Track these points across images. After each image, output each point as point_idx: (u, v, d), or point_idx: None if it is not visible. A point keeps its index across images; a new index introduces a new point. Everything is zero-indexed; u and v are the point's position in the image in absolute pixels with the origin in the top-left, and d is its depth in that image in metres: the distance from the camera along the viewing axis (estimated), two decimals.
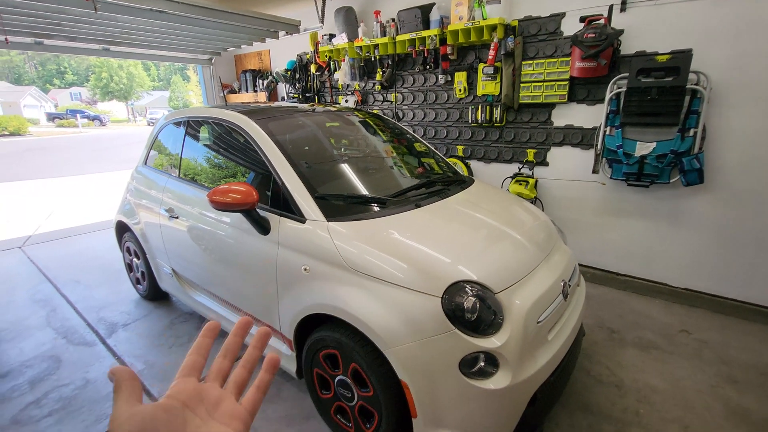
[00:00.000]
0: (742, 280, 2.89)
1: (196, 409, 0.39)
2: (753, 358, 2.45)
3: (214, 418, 0.39)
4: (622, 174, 3.04)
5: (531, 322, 1.58)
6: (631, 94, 2.84)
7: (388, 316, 1.54)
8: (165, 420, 0.36)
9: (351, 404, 1.79)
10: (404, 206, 1.98)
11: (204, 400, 0.40)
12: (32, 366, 2.50)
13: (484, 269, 1.65)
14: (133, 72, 42.11)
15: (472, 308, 1.51)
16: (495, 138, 3.83)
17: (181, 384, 0.40)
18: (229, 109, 2.48)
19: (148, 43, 5.07)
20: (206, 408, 0.39)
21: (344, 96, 5.06)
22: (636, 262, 3.30)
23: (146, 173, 3.03)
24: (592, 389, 2.20)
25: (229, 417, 0.39)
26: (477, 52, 3.75)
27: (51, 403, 2.18)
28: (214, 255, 2.35)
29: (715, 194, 2.86)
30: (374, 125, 2.90)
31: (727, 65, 2.65)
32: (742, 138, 2.70)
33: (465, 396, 1.49)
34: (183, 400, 0.39)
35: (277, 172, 1.99)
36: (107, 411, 2.10)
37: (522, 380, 1.50)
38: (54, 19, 3.62)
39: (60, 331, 2.89)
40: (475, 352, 1.48)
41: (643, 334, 2.71)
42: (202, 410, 0.39)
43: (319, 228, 1.78)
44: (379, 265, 1.62)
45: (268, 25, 4.52)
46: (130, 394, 0.37)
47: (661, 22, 2.82)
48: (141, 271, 3.22)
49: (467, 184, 2.45)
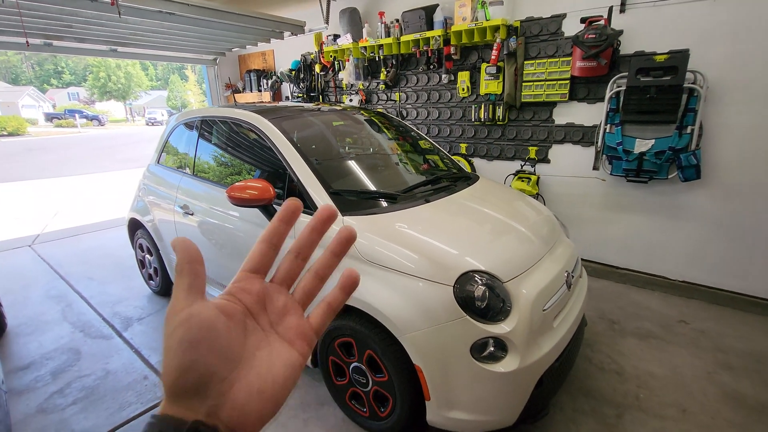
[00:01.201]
0: (738, 273, 2.99)
1: (258, 317, 0.34)
2: (748, 346, 2.55)
3: (278, 332, 0.34)
4: (622, 170, 3.14)
5: (537, 310, 1.67)
6: (630, 92, 2.94)
7: (403, 305, 1.63)
8: (225, 329, 0.31)
9: (366, 390, 1.88)
10: (414, 201, 2.07)
11: (268, 307, 0.34)
12: (53, 358, 2.59)
13: (493, 260, 1.74)
14: (131, 71, 42.07)
15: (482, 296, 1.60)
16: (497, 136, 3.92)
17: (246, 282, 0.34)
18: (240, 109, 2.56)
19: (154, 44, 5.14)
20: (270, 317, 0.34)
21: (348, 95, 5.14)
22: (635, 255, 3.40)
23: (159, 172, 3.11)
24: (594, 376, 2.30)
25: (294, 333, 0.34)
26: (480, 52, 3.84)
27: (74, 392, 2.26)
28: (228, 249, 2.43)
29: (712, 189, 2.96)
30: (380, 123, 2.98)
31: (723, 65, 2.74)
32: (737, 135, 2.80)
33: (476, 379, 1.58)
34: (246, 304, 0.33)
35: (293, 168, 2.07)
36: (130, 400, 2.19)
37: (529, 364, 1.60)
38: (66, 21, 3.69)
39: (77, 325, 2.97)
40: (485, 337, 1.57)
41: (643, 325, 2.80)
42: (264, 319, 0.34)
43: (335, 222, 1.87)
44: (394, 256, 1.71)
45: (274, 26, 4.60)
46: (193, 281, 0.31)
47: (660, 23, 2.91)
48: (154, 267, 3.30)
49: (473, 181, 2.54)
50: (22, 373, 2.45)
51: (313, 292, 0.37)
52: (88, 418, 2.07)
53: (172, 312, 0.30)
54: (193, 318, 0.29)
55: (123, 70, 40.99)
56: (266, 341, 0.33)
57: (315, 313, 0.36)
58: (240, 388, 0.30)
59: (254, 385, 0.31)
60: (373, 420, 1.90)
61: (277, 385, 0.32)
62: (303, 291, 0.37)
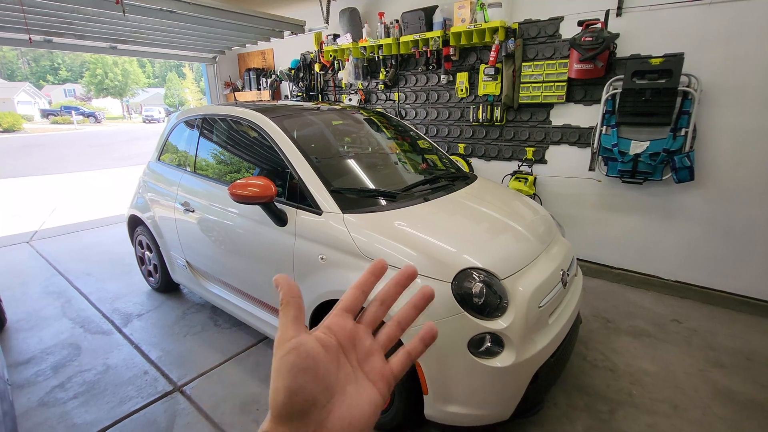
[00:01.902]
0: (730, 273, 3.04)
1: (348, 354, 0.37)
2: (739, 345, 2.60)
3: (363, 371, 0.37)
4: (617, 171, 3.19)
5: (533, 307, 1.71)
6: (626, 95, 2.99)
7: (402, 301, 1.66)
8: (324, 359, 0.34)
9: None
10: (414, 200, 2.10)
11: (357, 346, 0.37)
12: (53, 353, 2.60)
13: (490, 258, 1.78)
14: (128, 69, 41.92)
15: (480, 293, 1.64)
16: (495, 136, 3.97)
17: (340, 320, 0.38)
18: (241, 107, 2.59)
19: (154, 41, 5.14)
20: (357, 356, 0.37)
21: (347, 95, 5.17)
22: (630, 255, 3.45)
23: (160, 169, 3.13)
24: (588, 373, 2.34)
25: (377, 374, 0.37)
26: (478, 53, 3.88)
27: (75, 386, 2.28)
28: (230, 246, 2.46)
29: (705, 191, 3.01)
30: (380, 123, 3.01)
31: (717, 68, 2.79)
32: (730, 137, 2.85)
33: (473, 373, 1.62)
34: (340, 340, 0.37)
35: (294, 167, 2.10)
36: (130, 394, 2.21)
37: (525, 359, 1.64)
38: (67, 18, 3.70)
39: (76, 321, 2.99)
40: (482, 333, 1.61)
41: (636, 323, 2.85)
42: (353, 357, 0.37)
43: (336, 220, 1.90)
44: (393, 254, 1.74)
45: (274, 25, 4.62)
46: (297, 315, 0.35)
47: (655, 27, 2.96)
48: (153, 264, 3.32)
49: (471, 181, 2.58)
50: (22, 367, 2.46)
51: (394, 339, 0.40)
52: (89, 411, 2.10)
53: (282, 339, 0.34)
54: (302, 346, 0.33)
55: (120, 67, 40.83)
56: (354, 377, 0.36)
57: (396, 359, 0.39)
58: (335, 418, 0.33)
59: (346, 417, 0.33)
60: None
61: (363, 421, 0.34)
62: (386, 336, 0.39)
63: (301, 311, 0.36)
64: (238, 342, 2.70)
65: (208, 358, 2.53)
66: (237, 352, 2.59)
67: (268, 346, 2.64)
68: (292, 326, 0.34)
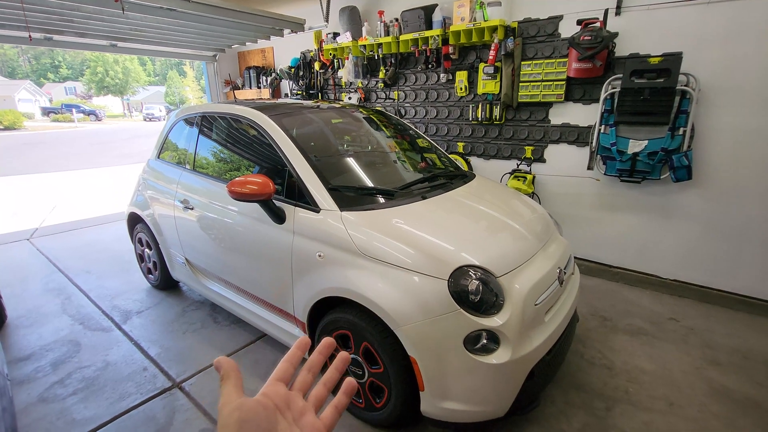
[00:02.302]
0: (727, 272, 3.05)
1: (284, 414, 0.42)
2: (736, 343, 2.61)
3: (299, 426, 0.42)
4: (616, 170, 3.19)
5: (529, 304, 1.72)
6: (624, 94, 2.99)
7: (399, 298, 1.68)
8: (264, 416, 0.40)
9: (362, 381, 1.92)
10: (412, 198, 2.11)
11: (291, 408, 0.43)
12: (53, 350, 2.62)
13: (487, 255, 1.78)
14: (128, 67, 41.91)
15: (476, 290, 1.65)
16: (494, 135, 3.97)
17: (274, 387, 0.44)
18: (240, 105, 2.60)
19: (154, 39, 5.15)
20: (293, 415, 0.43)
21: (347, 93, 5.18)
22: (628, 254, 3.46)
23: (159, 167, 3.14)
24: (585, 370, 2.35)
25: (310, 429, 0.42)
26: (478, 52, 3.88)
27: (75, 382, 2.30)
28: (229, 244, 2.47)
29: (703, 190, 3.02)
30: (379, 122, 3.02)
31: (715, 68, 2.80)
32: (728, 137, 2.85)
33: (469, 370, 1.63)
34: (276, 402, 0.42)
35: (292, 164, 2.11)
36: (130, 390, 2.23)
37: (521, 356, 1.64)
38: (67, 16, 3.71)
39: (76, 317, 3.00)
40: (479, 330, 1.62)
41: (634, 322, 2.86)
42: (289, 416, 0.43)
43: (334, 217, 1.91)
44: (390, 251, 1.75)
45: (274, 24, 4.62)
46: (236, 383, 0.43)
47: (654, 26, 2.96)
48: (153, 261, 3.33)
49: (469, 179, 2.59)
50: (22, 363, 2.48)
51: (323, 398, 0.47)
52: (89, 407, 2.11)
53: (225, 402, 0.40)
54: (244, 405, 0.40)
55: (121, 65, 40.83)
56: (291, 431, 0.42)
57: (326, 413, 0.46)
58: None
59: None
60: (368, 411, 1.95)
61: None
62: (315, 396, 0.47)
63: (240, 380, 0.43)
64: (236, 339, 2.71)
65: (207, 354, 2.55)
66: (236, 349, 2.60)
67: (266, 344, 2.65)
68: (234, 392, 0.42)
